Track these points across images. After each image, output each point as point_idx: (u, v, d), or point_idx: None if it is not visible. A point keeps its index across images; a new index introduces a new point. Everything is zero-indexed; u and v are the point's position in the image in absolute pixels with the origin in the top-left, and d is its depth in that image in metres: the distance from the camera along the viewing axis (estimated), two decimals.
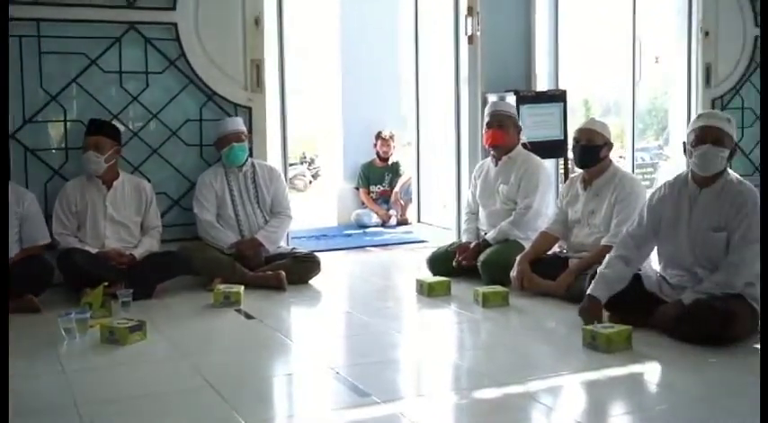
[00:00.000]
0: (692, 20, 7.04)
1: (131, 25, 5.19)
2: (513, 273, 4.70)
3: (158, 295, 4.73)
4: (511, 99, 5.94)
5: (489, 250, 5.02)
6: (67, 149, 5.11)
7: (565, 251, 4.81)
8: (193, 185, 5.31)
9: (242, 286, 4.65)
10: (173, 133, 5.36)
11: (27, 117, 5.00)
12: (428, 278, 4.86)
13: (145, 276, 4.72)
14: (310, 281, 5.13)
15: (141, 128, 5.30)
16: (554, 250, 4.87)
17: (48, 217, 4.84)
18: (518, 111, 5.79)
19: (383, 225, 8.07)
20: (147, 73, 5.27)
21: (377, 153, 8.49)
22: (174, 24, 5.28)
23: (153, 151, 5.32)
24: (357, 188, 8.53)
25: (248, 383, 3.25)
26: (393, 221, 8.11)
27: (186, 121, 5.39)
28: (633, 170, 7.12)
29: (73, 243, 4.77)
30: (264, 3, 5.52)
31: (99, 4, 5.09)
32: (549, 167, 5.90)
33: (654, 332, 3.70)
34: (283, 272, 4.94)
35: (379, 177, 8.44)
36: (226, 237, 5.15)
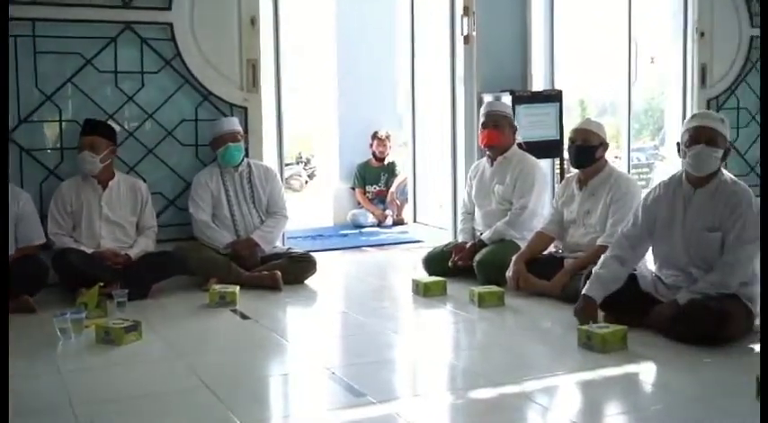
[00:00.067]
0: (688, 20, 7.05)
1: (127, 25, 5.19)
2: (509, 273, 4.70)
3: (154, 295, 4.73)
4: (507, 99, 5.95)
5: (485, 250, 5.02)
6: (63, 149, 5.10)
7: (560, 251, 4.81)
8: (189, 185, 5.31)
9: (237, 286, 4.64)
10: (168, 133, 5.36)
11: (22, 117, 4.99)
12: (424, 278, 4.86)
13: (140, 276, 4.71)
14: (306, 281, 5.12)
15: (137, 128, 5.29)
16: (550, 250, 4.87)
17: (43, 217, 4.83)
18: (514, 111, 5.78)
19: (379, 225, 8.08)
20: (143, 73, 5.26)
21: (373, 153, 8.49)
22: (170, 24, 5.27)
23: (148, 151, 5.32)
24: (353, 188, 8.53)
25: (244, 383, 3.25)
26: (389, 221, 8.11)
27: (182, 121, 5.38)
28: (629, 170, 7.13)
29: (68, 243, 4.77)
30: (260, 2, 5.51)
31: (94, 4, 5.08)
32: (545, 167, 5.90)
33: (649, 332, 3.70)
34: (279, 272, 4.94)
35: (375, 177, 8.45)
36: (221, 237, 5.15)
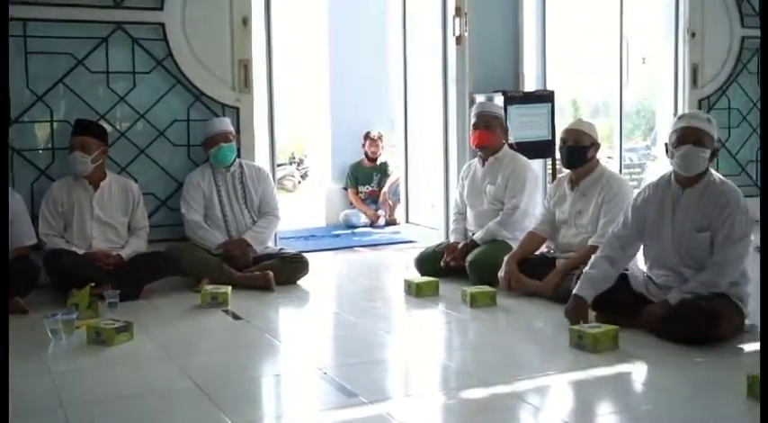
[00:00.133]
0: (679, 21, 7.08)
1: (118, 25, 5.18)
2: (501, 273, 4.70)
3: (145, 296, 4.72)
4: (499, 99, 5.95)
5: (477, 250, 5.02)
6: (54, 150, 5.09)
7: (552, 251, 4.82)
8: (181, 186, 5.30)
9: (229, 287, 4.64)
10: (160, 133, 5.35)
11: (13, 117, 4.97)
12: (416, 278, 4.86)
13: (132, 277, 4.70)
14: (298, 281, 5.12)
15: (128, 128, 5.28)
16: (541, 250, 4.88)
17: (34, 217, 4.82)
18: (506, 111, 5.79)
19: (371, 225, 8.07)
20: (135, 73, 5.25)
21: (365, 153, 8.49)
22: (162, 24, 5.26)
23: (140, 151, 5.31)
24: (345, 188, 8.53)
25: (236, 384, 3.24)
26: (381, 222, 8.10)
27: (174, 122, 5.37)
28: (621, 170, 7.14)
29: (59, 244, 4.75)
30: (252, 3, 5.51)
31: (86, 4, 5.07)
32: (537, 168, 5.91)
33: (640, 332, 3.71)
34: (271, 272, 4.94)
35: (367, 178, 8.45)
36: (213, 237, 5.14)
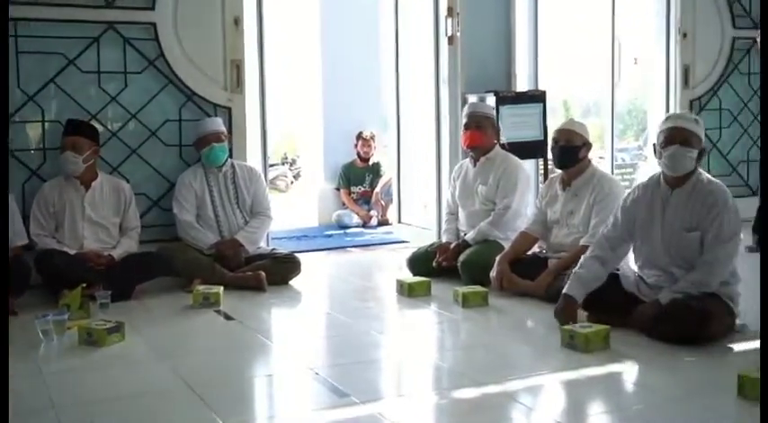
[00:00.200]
0: (671, 21, 7.10)
1: (110, 25, 5.16)
2: (493, 273, 4.71)
3: (137, 296, 4.71)
4: (491, 100, 5.96)
5: (469, 251, 5.03)
6: (45, 150, 5.07)
7: (544, 251, 4.83)
8: (173, 186, 5.29)
9: (221, 287, 4.63)
10: (152, 133, 5.34)
11: None
12: (408, 278, 4.87)
13: (123, 277, 4.69)
14: (290, 281, 5.11)
15: (120, 128, 5.27)
16: (533, 250, 4.89)
17: (25, 217, 4.80)
18: (498, 111, 5.81)
19: (364, 226, 8.06)
20: (126, 73, 5.24)
21: (357, 154, 8.48)
22: (153, 24, 5.25)
23: (132, 152, 5.30)
24: (338, 189, 8.52)
25: (227, 384, 3.24)
26: (374, 222, 8.10)
27: (165, 122, 5.36)
28: (613, 171, 7.16)
29: (51, 244, 4.74)
30: (244, 3, 5.50)
31: (77, 4, 5.06)
32: (529, 168, 5.92)
33: (632, 332, 3.72)
34: (263, 272, 4.93)
35: (359, 178, 8.44)
36: (205, 237, 5.14)
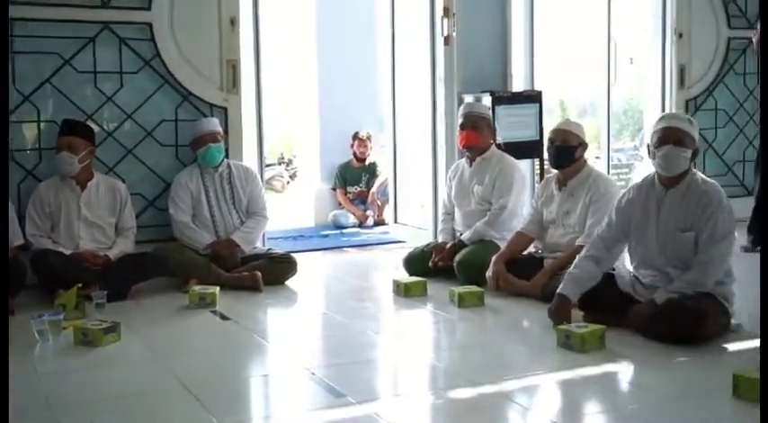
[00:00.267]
0: (667, 21, 7.10)
1: (105, 25, 5.16)
2: (489, 273, 4.71)
3: (133, 296, 4.70)
4: (487, 100, 5.96)
5: (465, 251, 5.03)
6: (41, 150, 5.07)
7: (540, 251, 4.83)
8: (169, 186, 5.29)
9: (217, 287, 4.63)
10: (148, 134, 5.33)
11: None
12: (404, 278, 4.87)
13: (119, 278, 4.69)
14: (286, 282, 5.11)
15: (116, 128, 5.26)
16: (529, 250, 4.89)
17: (21, 218, 4.79)
18: (494, 111, 5.81)
19: (360, 226, 8.07)
20: (122, 73, 5.24)
21: (354, 154, 8.48)
22: (149, 24, 5.25)
23: (128, 152, 5.30)
24: (334, 189, 8.52)
25: (223, 385, 3.24)
26: (370, 222, 8.10)
27: (161, 122, 5.36)
28: (609, 171, 7.17)
29: (46, 244, 4.73)
30: (240, 3, 5.50)
31: (73, 4, 5.06)
32: (525, 168, 5.92)
33: (627, 331, 3.72)
34: (259, 273, 4.93)
35: (355, 178, 8.44)
36: (201, 237, 5.13)
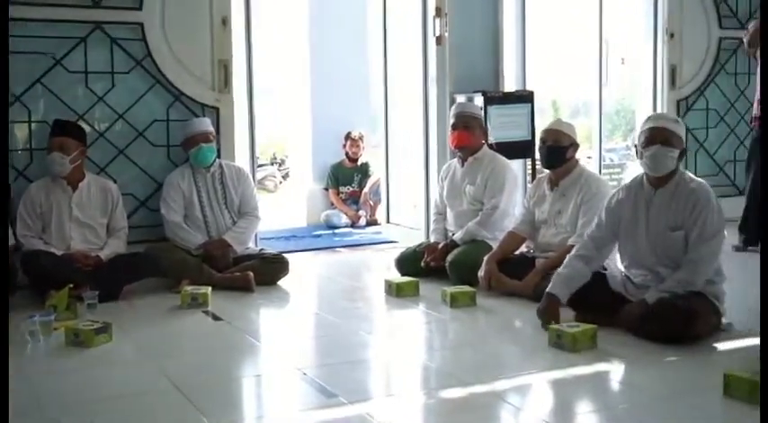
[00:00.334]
0: (658, 21, 7.12)
1: (97, 25, 5.15)
2: (481, 273, 4.72)
3: (125, 297, 4.69)
4: (479, 100, 5.97)
5: (457, 251, 5.04)
6: (32, 150, 5.06)
7: (532, 251, 4.84)
8: (160, 186, 5.28)
9: (209, 287, 4.62)
10: (139, 134, 5.32)
11: None
12: (396, 278, 4.87)
13: (111, 278, 4.68)
14: (279, 282, 5.11)
15: (107, 128, 5.25)
16: (521, 250, 4.90)
17: (12, 219, 4.77)
18: (486, 111, 5.82)
19: (352, 226, 8.06)
20: (113, 73, 5.23)
21: (346, 154, 8.48)
22: (141, 24, 5.24)
23: (119, 152, 5.29)
24: (326, 189, 8.52)
25: (215, 385, 3.23)
26: (362, 222, 8.10)
27: (153, 122, 5.35)
28: (601, 171, 7.18)
29: (37, 245, 4.72)
30: (232, 3, 5.49)
31: (64, 4, 5.04)
32: (517, 168, 5.93)
33: (619, 331, 3.73)
34: (251, 273, 4.93)
35: (348, 178, 8.44)
36: (193, 238, 5.13)
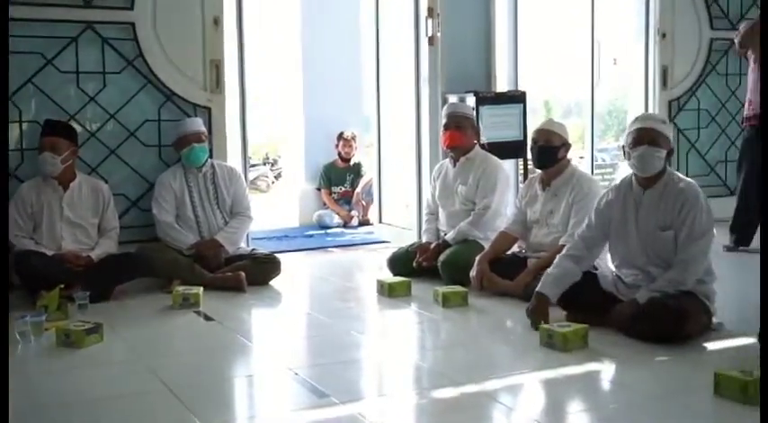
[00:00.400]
0: (650, 22, 7.14)
1: (88, 25, 5.14)
2: (473, 273, 4.72)
3: (116, 297, 4.68)
4: (471, 100, 5.98)
5: (449, 251, 5.04)
6: (23, 150, 5.04)
7: (524, 251, 4.85)
8: (152, 186, 5.27)
9: (201, 288, 4.62)
10: (131, 134, 5.31)
11: None
12: (388, 278, 4.87)
13: (102, 278, 4.67)
14: (270, 282, 5.10)
15: (99, 128, 5.24)
16: (513, 250, 4.91)
17: None
18: (478, 112, 5.83)
19: (345, 226, 8.06)
20: (105, 73, 5.21)
21: (339, 154, 8.47)
22: (132, 24, 5.23)
23: (111, 152, 5.27)
24: (319, 189, 8.51)
25: (207, 386, 3.23)
26: (355, 222, 8.10)
27: (145, 122, 5.34)
28: (593, 171, 7.19)
29: (29, 245, 4.71)
30: (224, 3, 5.48)
31: (55, 3, 5.03)
32: (509, 168, 5.94)
33: (610, 331, 3.74)
34: (243, 273, 4.92)
35: (340, 178, 8.43)
36: (185, 238, 5.12)
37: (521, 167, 6.43)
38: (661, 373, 3.32)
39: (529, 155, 5.26)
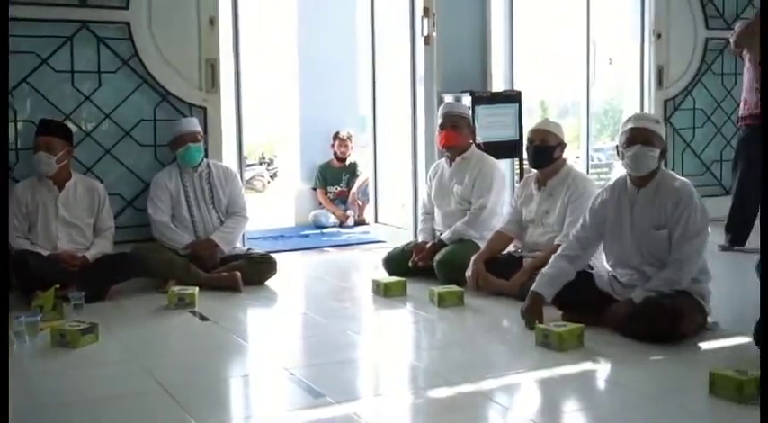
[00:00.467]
0: (645, 22, 7.15)
1: (83, 24, 5.13)
2: (469, 272, 4.72)
3: (111, 297, 4.68)
4: (466, 100, 5.98)
5: (445, 250, 5.04)
6: (18, 150, 5.03)
7: (519, 251, 4.85)
8: (147, 186, 5.26)
9: (197, 288, 4.61)
10: (126, 133, 5.31)
11: None
12: (384, 278, 4.87)
13: (97, 278, 4.66)
14: (266, 282, 5.10)
15: (94, 128, 5.23)
16: (509, 250, 4.90)
17: None
18: (474, 111, 5.83)
19: (340, 225, 8.06)
20: (100, 72, 5.21)
21: (334, 153, 8.47)
22: (127, 23, 5.22)
23: (106, 152, 5.27)
24: (314, 189, 8.51)
25: (202, 386, 3.23)
26: (350, 222, 8.10)
27: (140, 122, 5.34)
28: (588, 170, 7.21)
29: (24, 245, 4.70)
30: (219, 2, 5.48)
31: (50, 3, 5.02)
32: (505, 168, 5.94)
33: (606, 330, 3.74)
34: (239, 273, 4.91)
35: (336, 178, 8.43)
36: (180, 238, 5.11)
37: (516, 167, 6.43)
38: (656, 373, 3.32)
39: (525, 154, 5.26)
